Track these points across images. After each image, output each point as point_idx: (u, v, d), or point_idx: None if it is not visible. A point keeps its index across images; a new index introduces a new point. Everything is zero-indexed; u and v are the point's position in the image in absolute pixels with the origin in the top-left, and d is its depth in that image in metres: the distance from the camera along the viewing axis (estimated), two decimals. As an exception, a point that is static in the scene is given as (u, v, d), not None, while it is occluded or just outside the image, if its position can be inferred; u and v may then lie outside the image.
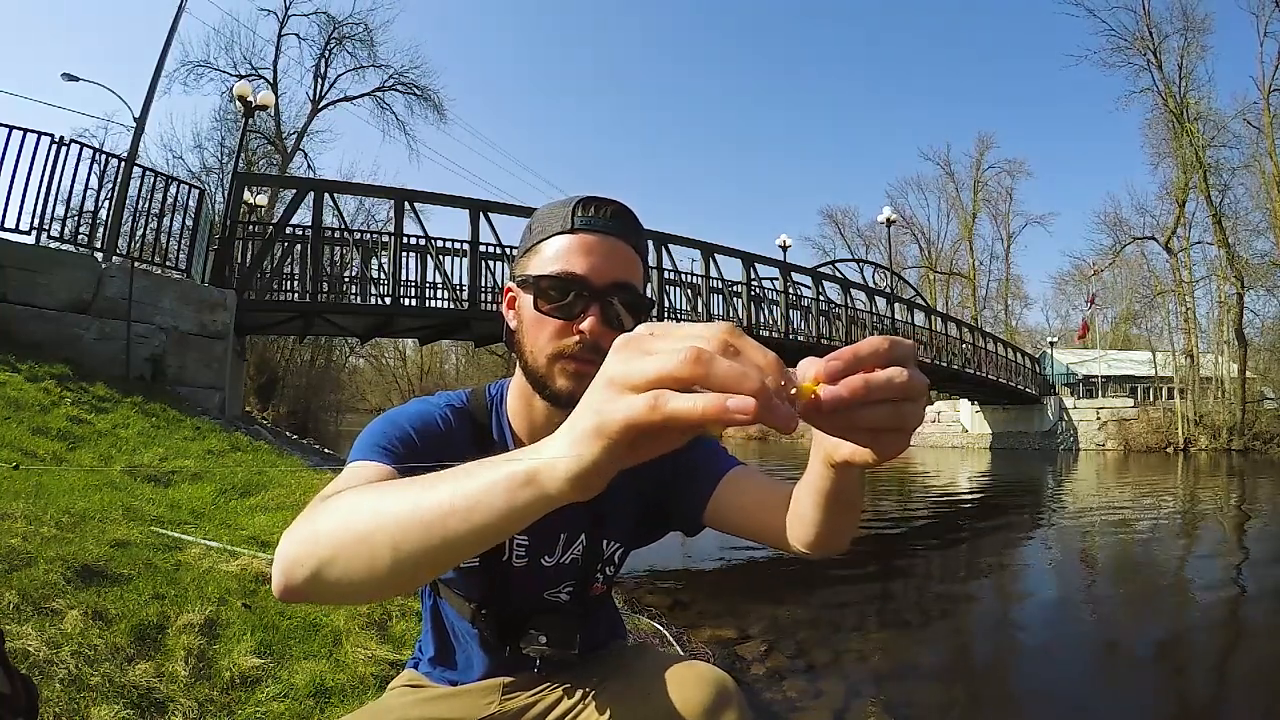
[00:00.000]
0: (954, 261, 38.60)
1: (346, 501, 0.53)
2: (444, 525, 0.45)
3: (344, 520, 0.51)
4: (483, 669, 0.88)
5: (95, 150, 7.05)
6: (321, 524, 0.52)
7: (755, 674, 2.96)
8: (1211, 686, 3.12)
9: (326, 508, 0.53)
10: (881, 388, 0.37)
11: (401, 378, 39.66)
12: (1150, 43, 24.63)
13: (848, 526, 0.65)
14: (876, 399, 0.37)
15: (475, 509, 0.44)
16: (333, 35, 24.57)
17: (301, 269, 8.94)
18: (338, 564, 0.50)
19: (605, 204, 0.76)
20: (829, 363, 0.37)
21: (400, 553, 0.47)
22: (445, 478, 0.47)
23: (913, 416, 0.39)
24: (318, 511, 0.54)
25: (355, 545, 0.49)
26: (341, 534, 0.50)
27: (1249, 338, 24.01)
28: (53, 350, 5.61)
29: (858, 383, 0.37)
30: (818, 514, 0.62)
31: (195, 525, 3.10)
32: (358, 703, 1.72)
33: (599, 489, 0.41)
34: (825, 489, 0.58)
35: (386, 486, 0.52)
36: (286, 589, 0.53)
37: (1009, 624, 4.15)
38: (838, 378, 0.37)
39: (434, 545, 0.46)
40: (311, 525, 0.53)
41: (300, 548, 0.52)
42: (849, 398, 0.36)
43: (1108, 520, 8.33)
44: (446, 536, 0.45)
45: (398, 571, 0.48)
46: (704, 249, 12.19)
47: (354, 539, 0.49)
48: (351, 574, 0.49)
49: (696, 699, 0.75)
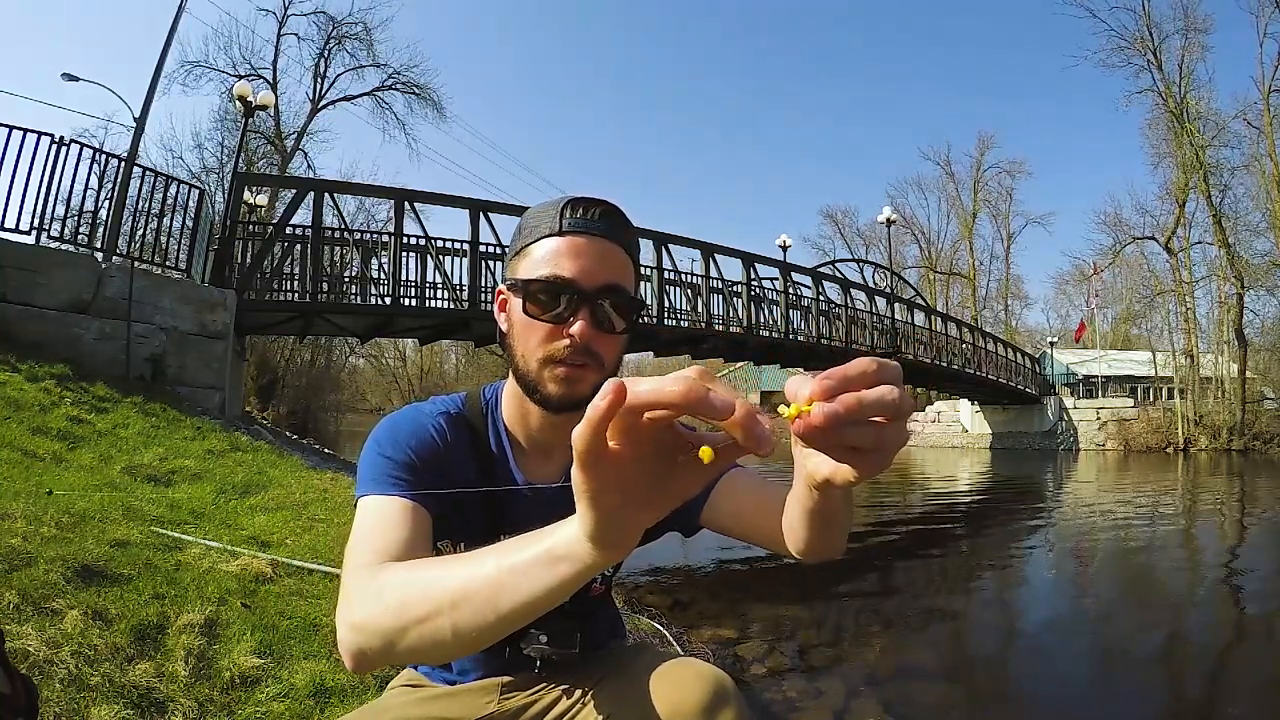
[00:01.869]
0: (954, 261, 38.57)
1: (397, 586, 0.56)
2: (497, 603, 0.49)
3: (399, 608, 0.54)
4: (482, 669, 0.88)
5: (95, 150, 7.07)
6: (379, 616, 0.56)
7: (755, 674, 2.96)
8: (1212, 687, 3.12)
9: (378, 593, 0.57)
10: (874, 406, 0.38)
11: (401, 378, 39.62)
12: (1150, 43, 24.65)
13: (837, 538, 0.66)
14: (868, 417, 0.39)
15: (521, 586, 0.48)
16: (332, 35, 24.54)
17: (301, 269, 8.92)
18: (402, 647, 0.54)
19: (594, 204, 0.75)
20: (823, 381, 0.38)
21: (461, 631, 0.51)
22: (490, 554, 0.51)
23: (897, 436, 0.41)
24: (368, 596, 0.58)
25: (418, 629, 0.53)
26: (403, 621, 0.54)
27: (1249, 338, 24.01)
28: (53, 350, 5.61)
29: (852, 400, 0.38)
30: (806, 529, 0.64)
31: (195, 525, 3.10)
32: (358, 702, 1.72)
33: (628, 542, 0.44)
34: (811, 508, 0.59)
35: (433, 565, 0.57)
36: (358, 669, 0.59)
37: (1009, 624, 4.15)
38: (832, 396, 0.38)
39: (490, 622, 0.50)
40: (366, 612, 0.57)
41: (363, 637, 0.56)
42: (845, 414, 0.38)
43: (1108, 520, 8.33)
44: (500, 613, 0.49)
45: (461, 645, 0.53)
46: (704, 249, 12.18)
47: (415, 622, 0.53)
48: (419, 652, 0.54)
49: (694, 697, 0.75)
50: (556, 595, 0.47)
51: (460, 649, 0.53)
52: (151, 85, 10.22)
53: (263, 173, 20.94)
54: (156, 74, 10.28)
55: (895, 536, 7.11)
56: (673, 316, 11.57)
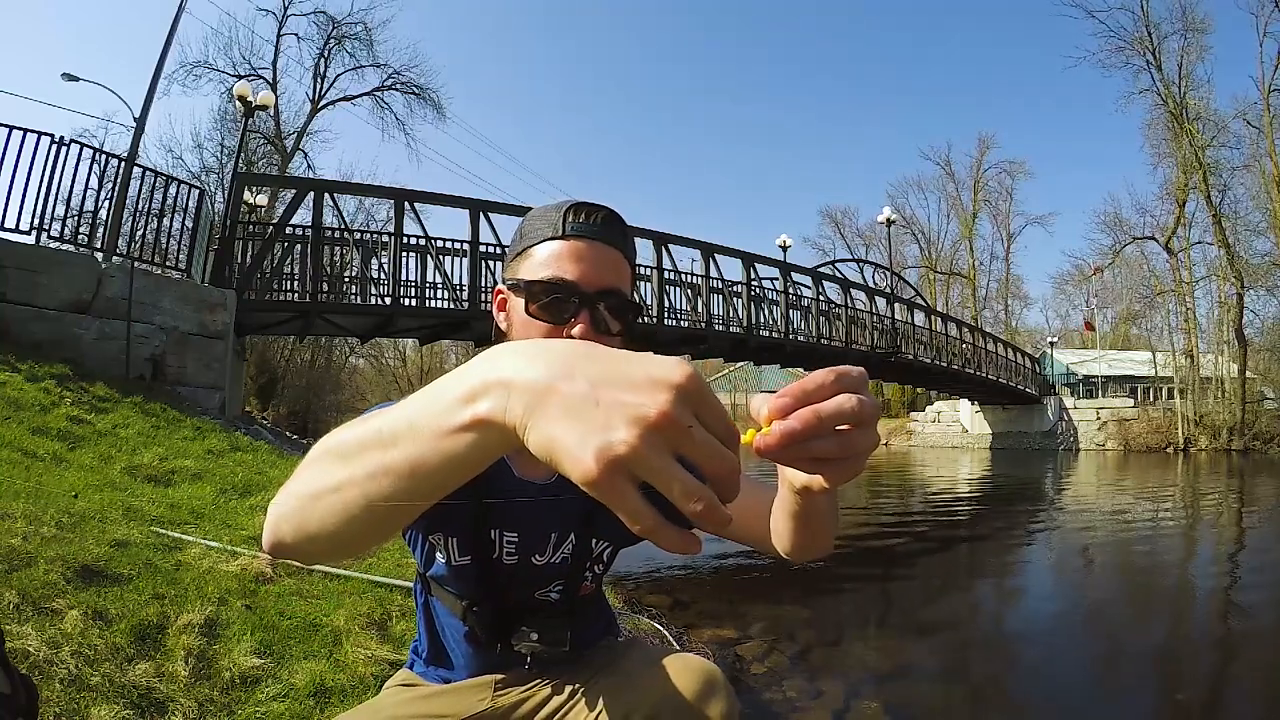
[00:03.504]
0: (954, 261, 38.58)
1: (319, 450, 0.49)
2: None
3: (321, 469, 0.48)
4: (475, 667, 0.89)
5: (95, 150, 7.06)
6: (302, 474, 0.50)
7: (755, 674, 2.96)
8: (1212, 687, 3.12)
9: (312, 456, 0.50)
10: (832, 417, 0.38)
11: (401, 378, 39.59)
12: (1149, 43, 24.62)
13: (823, 539, 0.67)
14: (828, 429, 0.39)
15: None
16: (332, 35, 24.59)
17: (301, 269, 8.93)
18: (315, 517, 0.47)
19: (595, 210, 0.77)
20: (779, 399, 0.38)
21: (372, 499, 0.43)
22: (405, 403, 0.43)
23: (864, 442, 0.41)
24: (300, 466, 0.51)
25: (331, 497, 0.46)
26: (320, 483, 0.47)
27: (1249, 338, 24.01)
28: (53, 350, 5.61)
29: (809, 415, 0.38)
30: (792, 531, 0.65)
31: (195, 525, 3.10)
32: (357, 702, 1.72)
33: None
34: (794, 511, 0.60)
35: (355, 424, 0.48)
36: (275, 544, 0.51)
37: (1009, 624, 4.15)
38: (788, 413, 0.38)
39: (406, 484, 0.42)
40: (295, 478, 0.50)
41: (286, 500, 0.50)
42: (801, 430, 0.38)
43: (1107, 521, 8.33)
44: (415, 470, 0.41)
45: (370, 523, 0.45)
46: (704, 249, 12.19)
47: (330, 489, 0.46)
48: (329, 528, 0.47)
49: (685, 689, 0.76)
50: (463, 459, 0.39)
51: (373, 524, 0.45)
52: (151, 85, 10.19)
53: (263, 173, 20.94)
54: (156, 74, 10.25)
55: (895, 537, 7.11)
56: (673, 316, 11.58)
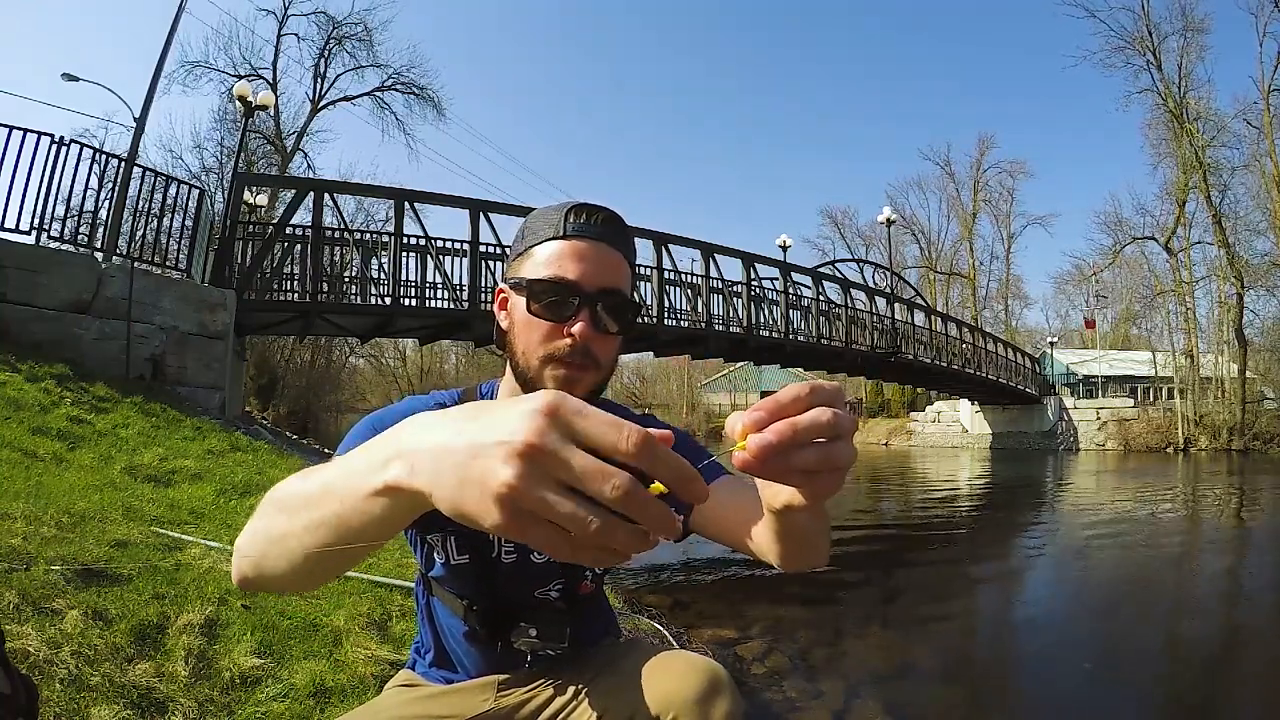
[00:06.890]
0: (954, 261, 38.48)
1: (268, 501, 0.54)
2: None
3: (269, 520, 0.52)
4: (476, 667, 0.89)
5: (95, 150, 7.06)
6: (256, 522, 0.54)
7: (755, 674, 2.96)
8: (1212, 687, 3.12)
9: (263, 504, 0.55)
10: (808, 429, 0.39)
11: (401, 378, 39.58)
12: (1149, 43, 24.58)
13: (814, 552, 0.67)
14: (804, 441, 0.39)
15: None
16: (332, 35, 24.51)
17: (301, 269, 8.92)
18: (268, 561, 0.53)
19: (596, 211, 0.78)
20: (754, 413, 0.39)
21: (309, 550, 0.48)
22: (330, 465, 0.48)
23: (842, 454, 0.41)
24: (257, 509, 0.56)
25: (278, 545, 0.51)
26: (268, 531, 0.52)
27: (1249, 338, 23.95)
28: (53, 350, 5.61)
29: (785, 427, 0.38)
30: (780, 546, 0.65)
31: (195, 525, 3.10)
32: (357, 702, 1.72)
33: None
34: (778, 529, 0.61)
35: (296, 479, 0.52)
36: (240, 580, 0.57)
37: (1009, 624, 4.15)
38: (764, 427, 0.38)
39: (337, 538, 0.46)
40: (252, 522, 0.55)
41: (245, 542, 0.55)
42: (777, 443, 0.38)
43: (1108, 520, 8.32)
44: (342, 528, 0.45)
45: (313, 567, 0.50)
46: (704, 249, 12.18)
47: (277, 539, 0.51)
48: (279, 570, 0.52)
49: (688, 687, 0.75)
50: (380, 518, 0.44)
51: (314, 571, 0.52)
52: (151, 85, 10.17)
53: (263, 173, 20.93)
54: (156, 74, 10.24)
55: (895, 537, 7.12)
56: (673, 316, 11.57)
